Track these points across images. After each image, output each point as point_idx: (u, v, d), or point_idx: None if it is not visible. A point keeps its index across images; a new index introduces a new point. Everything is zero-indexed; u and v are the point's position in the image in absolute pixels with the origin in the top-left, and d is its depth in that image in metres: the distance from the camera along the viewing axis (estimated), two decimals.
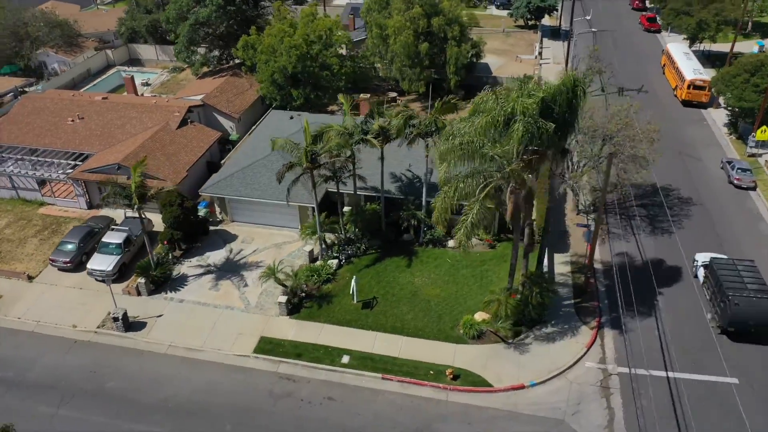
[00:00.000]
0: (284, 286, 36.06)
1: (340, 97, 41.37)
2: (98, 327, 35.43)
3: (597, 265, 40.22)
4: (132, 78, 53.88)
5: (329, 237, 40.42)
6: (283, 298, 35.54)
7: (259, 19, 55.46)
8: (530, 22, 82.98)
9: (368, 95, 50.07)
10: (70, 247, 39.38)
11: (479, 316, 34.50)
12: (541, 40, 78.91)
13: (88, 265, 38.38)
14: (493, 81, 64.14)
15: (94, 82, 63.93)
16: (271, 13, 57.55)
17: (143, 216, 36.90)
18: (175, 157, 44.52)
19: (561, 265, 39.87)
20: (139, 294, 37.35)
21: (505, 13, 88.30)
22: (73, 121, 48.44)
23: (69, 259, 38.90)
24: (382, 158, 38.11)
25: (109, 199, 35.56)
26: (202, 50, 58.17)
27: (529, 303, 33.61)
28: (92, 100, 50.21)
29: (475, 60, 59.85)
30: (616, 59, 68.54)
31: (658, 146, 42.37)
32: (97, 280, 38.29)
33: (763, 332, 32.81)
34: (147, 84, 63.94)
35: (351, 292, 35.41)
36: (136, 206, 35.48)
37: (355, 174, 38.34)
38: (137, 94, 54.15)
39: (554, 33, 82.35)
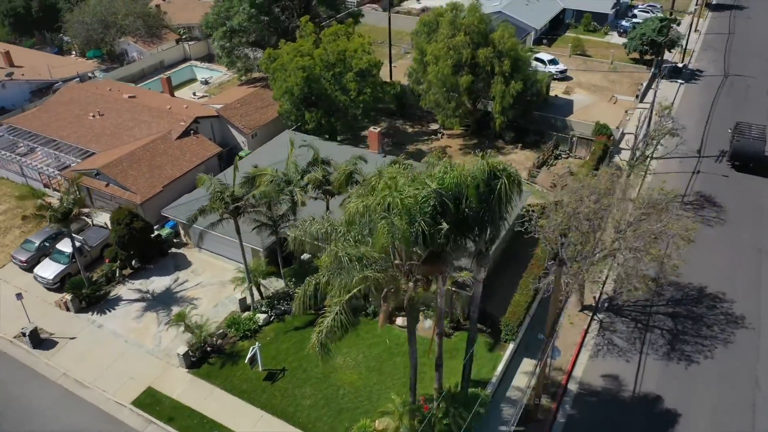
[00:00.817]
0: (194, 334, 33.05)
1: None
2: (14, 337, 34.99)
3: (572, 385, 32.25)
4: (169, 78, 53.82)
5: (275, 286, 36.66)
6: (183, 349, 32.48)
7: (297, 30, 52.51)
8: (647, 56, 71.38)
9: (378, 128, 45.00)
10: (29, 246, 39.59)
11: (380, 424, 28.74)
12: (654, 80, 67.45)
13: (35, 270, 38.23)
14: (561, 125, 55.58)
15: (161, 75, 65.22)
16: (322, 22, 54.36)
17: (72, 232, 35.68)
18: (159, 169, 43.20)
19: (524, 376, 32.45)
20: (68, 310, 36.42)
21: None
22: (93, 116, 49.21)
23: (25, 259, 39.08)
24: (327, 211, 33.40)
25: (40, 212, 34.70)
26: (251, 55, 56.61)
27: (435, 426, 27.26)
28: (119, 97, 50.68)
29: (534, 99, 51.90)
30: (734, 119, 55.75)
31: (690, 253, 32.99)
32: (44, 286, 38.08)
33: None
34: (206, 82, 64.07)
35: (246, 361, 31.35)
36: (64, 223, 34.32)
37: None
38: (172, 95, 53.99)
39: (675, 72, 70.01)
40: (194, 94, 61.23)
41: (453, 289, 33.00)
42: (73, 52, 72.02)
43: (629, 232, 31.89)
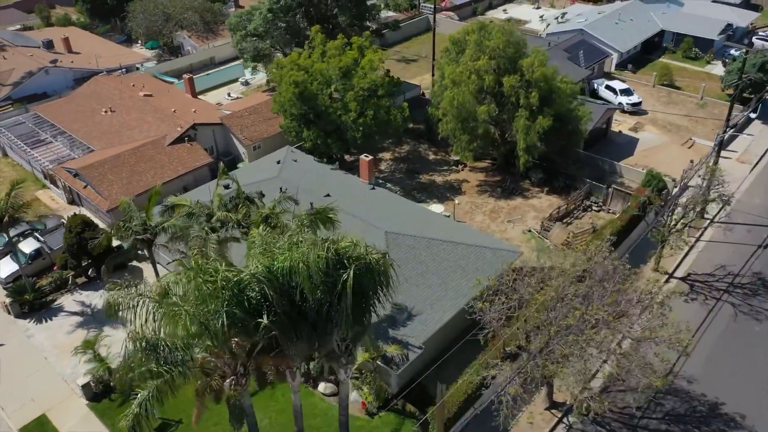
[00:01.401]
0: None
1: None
2: None
3: None
4: (191, 78, 52.42)
5: None
6: (84, 380, 30.30)
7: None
8: (746, 95, 60.42)
9: (370, 157, 40.22)
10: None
11: None
12: (747, 123, 56.87)
13: None
14: (609, 169, 47.86)
15: (208, 72, 64.59)
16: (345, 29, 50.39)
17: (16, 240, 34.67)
18: (139, 176, 41.63)
19: None
20: (9, 313, 35.67)
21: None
22: (105, 112, 48.87)
23: None
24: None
25: None
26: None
27: None
28: (134, 95, 49.99)
29: (575, 137, 44.75)
30: None
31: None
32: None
33: None
34: (247, 83, 62.43)
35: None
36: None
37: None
38: (194, 96, 52.60)
39: None
40: (229, 95, 59.75)
41: (377, 363, 28.16)
42: (139, 42, 73.48)
43: (593, 335, 25.27)
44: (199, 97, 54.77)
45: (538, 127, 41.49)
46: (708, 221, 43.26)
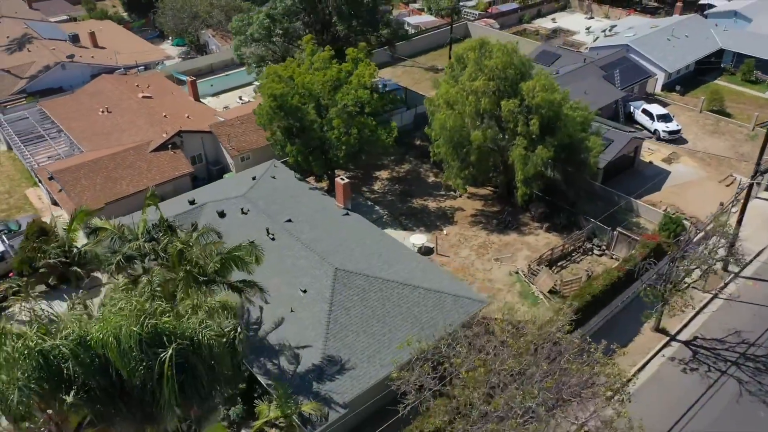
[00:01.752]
0: None
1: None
2: None
3: None
4: (194, 81, 51.03)
5: None
6: None
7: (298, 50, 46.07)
8: None
9: (346, 180, 37.10)
10: None
11: None
12: None
13: None
14: (626, 206, 43.01)
15: (227, 73, 63.36)
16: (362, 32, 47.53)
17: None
18: (114, 183, 40.46)
19: None
20: None
21: None
22: (102, 112, 48.22)
23: None
24: None
25: None
26: None
27: None
28: (133, 96, 49.06)
29: (583, 171, 40.25)
30: None
31: None
32: None
33: None
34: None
35: None
36: None
37: None
38: (196, 99, 51.23)
39: None
40: (240, 98, 58.23)
41: (294, 421, 25.38)
42: (170, 38, 73.31)
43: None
44: (205, 100, 53.45)
45: (536, 158, 37.36)
46: (731, 275, 37.92)
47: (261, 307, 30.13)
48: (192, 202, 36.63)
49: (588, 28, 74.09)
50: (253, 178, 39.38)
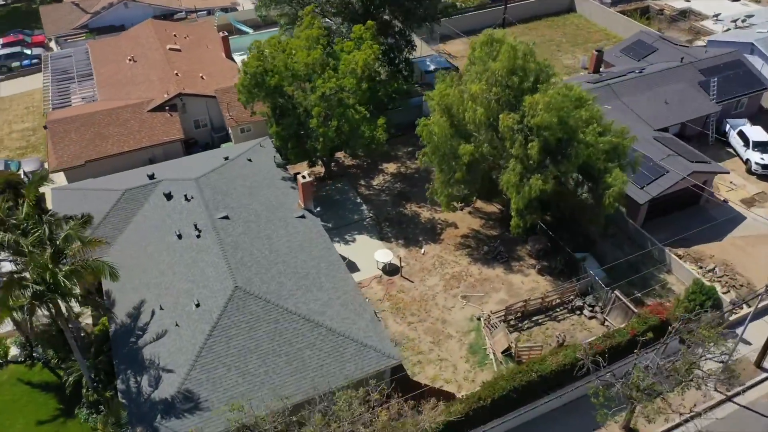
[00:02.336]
0: None
1: None
2: None
3: None
4: (226, 36, 48.42)
5: None
6: None
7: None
8: None
9: (309, 177, 32.69)
10: None
11: None
12: None
13: None
14: (659, 256, 35.16)
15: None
16: None
17: None
18: (101, 140, 39.79)
19: None
20: None
21: None
22: (129, 61, 47.62)
23: None
24: None
25: None
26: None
27: None
28: (162, 48, 47.68)
29: (596, 211, 32.83)
30: None
31: None
32: None
33: None
34: None
35: None
36: None
37: None
38: (228, 56, 48.74)
39: None
40: None
41: None
42: None
43: None
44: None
45: (529, 190, 30.77)
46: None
47: (153, 311, 28.01)
48: (151, 177, 34.84)
49: (716, 16, 60.81)
50: (225, 158, 36.67)
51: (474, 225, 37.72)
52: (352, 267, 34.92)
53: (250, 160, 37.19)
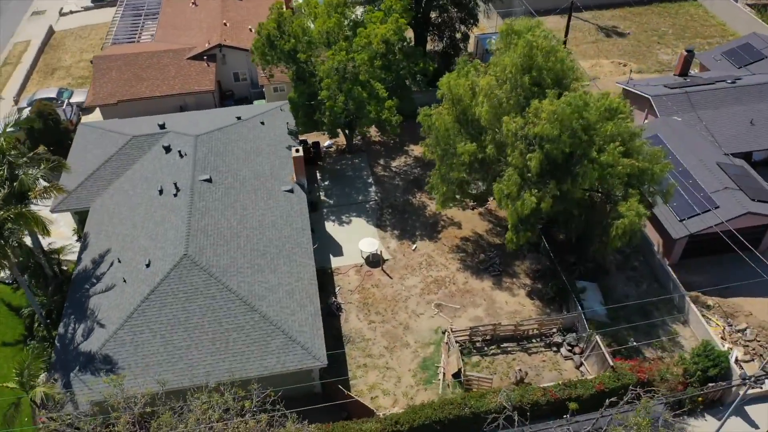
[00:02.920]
0: None
1: None
2: None
3: None
4: None
5: None
6: None
7: None
8: None
9: (300, 153, 31.00)
10: None
11: None
12: None
13: None
14: (679, 303, 30.63)
15: None
16: None
17: None
18: (137, 82, 40.72)
19: None
20: None
21: None
22: (191, 5, 48.07)
23: None
24: None
25: None
26: None
27: None
28: None
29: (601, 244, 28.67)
30: None
31: None
32: None
33: None
34: None
35: None
36: None
37: None
38: (287, 6, 47.50)
39: None
40: None
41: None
42: None
43: None
44: None
45: (520, 206, 27.42)
46: None
47: (112, 263, 28.51)
48: (162, 127, 35.13)
49: None
50: (238, 118, 36.16)
51: (479, 228, 34.69)
52: (336, 251, 33.58)
53: (262, 123, 36.43)
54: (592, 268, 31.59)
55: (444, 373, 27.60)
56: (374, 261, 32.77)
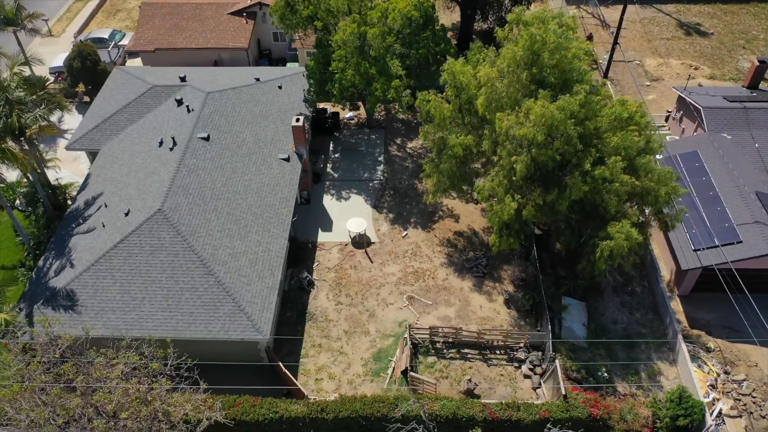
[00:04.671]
0: None
1: None
2: None
3: None
4: None
5: None
6: None
7: None
8: None
9: (300, 123, 30.32)
10: None
11: None
12: None
13: None
14: (673, 335, 28.15)
15: None
16: None
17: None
18: (176, 32, 41.49)
19: None
20: None
21: None
22: None
23: None
24: None
25: None
26: None
27: None
28: None
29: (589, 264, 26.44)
30: None
31: None
32: None
33: None
34: None
35: None
36: None
37: None
38: None
39: None
40: None
41: None
42: None
43: None
44: None
45: (501, 211, 25.75)
46: None
47: (100, 206, 29.58)
48: (183, 79, 35.67)
49: None
50: (257, 79, 36.11)
51: (477, 225, 33.04)
52: (326, 225, 33.18)
53: (280, 87, 36.20)
54: (584, 285, 29.35)
55: (394, 369, 26.85)
56: (359, 242, 32.12)
